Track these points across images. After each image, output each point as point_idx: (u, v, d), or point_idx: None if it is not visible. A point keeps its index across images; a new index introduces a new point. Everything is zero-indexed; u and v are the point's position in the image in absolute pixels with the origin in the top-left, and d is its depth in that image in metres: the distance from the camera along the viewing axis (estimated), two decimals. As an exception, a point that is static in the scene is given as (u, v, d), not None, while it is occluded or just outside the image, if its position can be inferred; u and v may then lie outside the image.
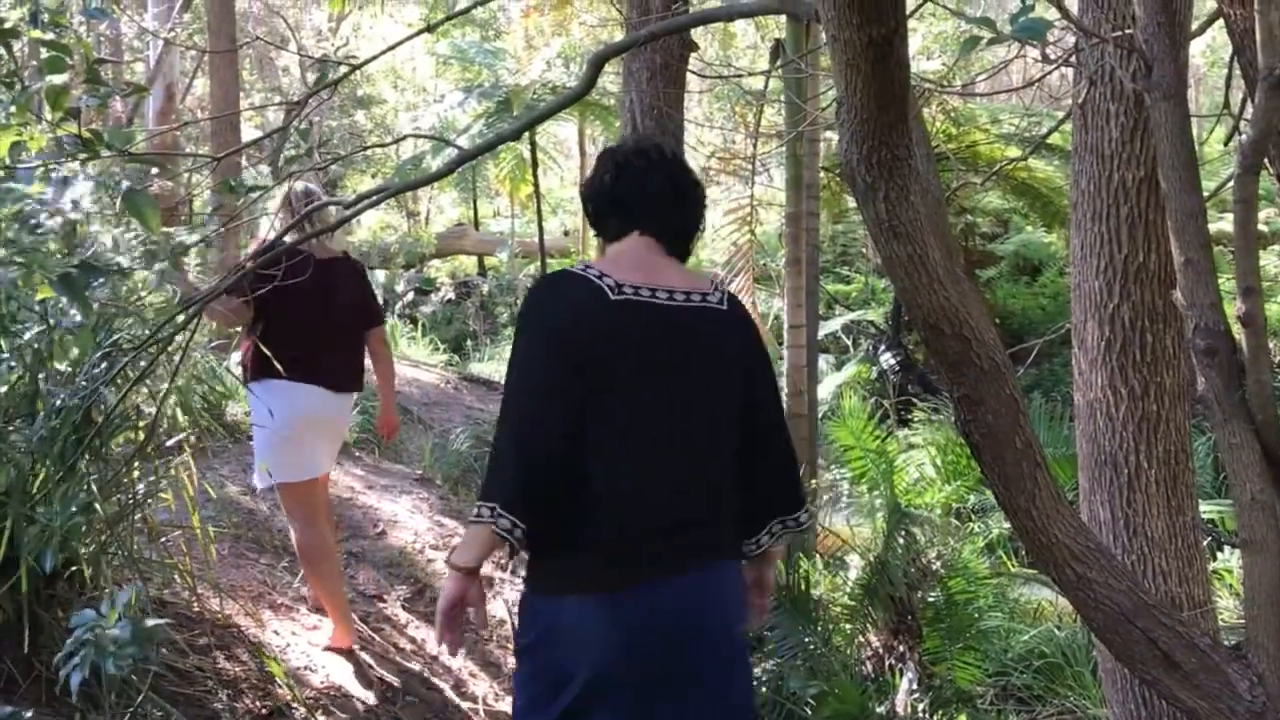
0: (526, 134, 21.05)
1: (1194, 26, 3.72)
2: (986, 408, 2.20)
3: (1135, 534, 3.01)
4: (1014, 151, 14.96)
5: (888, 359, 14.85)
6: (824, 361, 15.15)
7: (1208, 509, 7.35)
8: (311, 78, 12.74)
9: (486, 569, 6.39)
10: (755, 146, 8.43)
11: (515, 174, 22.85)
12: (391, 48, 3.90)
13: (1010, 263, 18.09)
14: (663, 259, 2.54)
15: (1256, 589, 2.42)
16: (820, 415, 9.48)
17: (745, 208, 8.39)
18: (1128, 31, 2.46)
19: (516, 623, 2.64)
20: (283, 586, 4.93)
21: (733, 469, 2.52)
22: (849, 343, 17.36)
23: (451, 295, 22.74)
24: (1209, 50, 19.60)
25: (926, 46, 15.15)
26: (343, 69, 4.53)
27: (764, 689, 5.78)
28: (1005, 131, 17.77)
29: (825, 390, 11.50)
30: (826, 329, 14.26)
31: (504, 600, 6.05)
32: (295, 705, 3.80)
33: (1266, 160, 2.56)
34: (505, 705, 4.72)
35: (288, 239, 3.64)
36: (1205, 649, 2.36)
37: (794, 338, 7.44)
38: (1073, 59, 3.03)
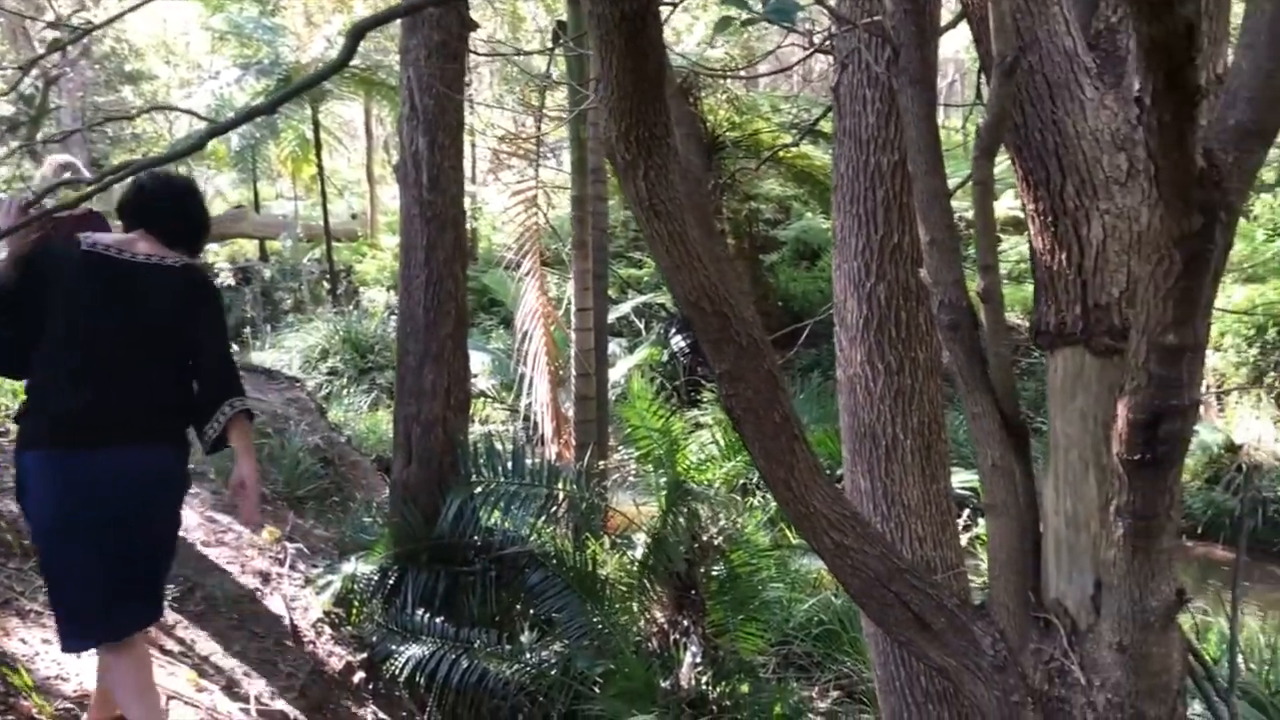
0: (310, 114, 20.36)
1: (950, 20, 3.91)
2: (746, 383, 2.24)
3: (893, 502, 3.14)
4: (794, 138, 15.50)
5: (678, 341, 15.13)
6: (617, 345, 15.30)
7: (969, 478, 7.81)
8: (67, 50, 11.85)
9: (263, 564, 6.14)
10: (539, 128, 8.38)
11: (298, 154, 22.04)
12: (133, 8, 3.65)
13: (792, 248, 18.73)
14: (148, 241, 3.50)
15: (998, 550, 2.57)
16: (617, 398, 9.57)
17: (531, 191, 8.33)
18: (877, 18, 2.55)
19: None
20: (33, 591, 4.57)
21: (163, 379, 3.42)
22: (641, 326, 17.58)
23: (231, 281, 21.77)
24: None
25: (708, 35, 15.43)
26: (100, 38, 4.20)
27: (552, 671, 5.79)
28: (784, 120, 18.38)
29: (618, 373, 11.59)
30: (618, 312, 14.38)
31: (282, 595, 5.83)
32: (41, 718, 3.52)
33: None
34: (281, 704, 4.55)
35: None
36: (953, 609, 2.49)
37: (582, 320, 7.46)
38: (829, 45, 3.12)
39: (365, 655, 5.85)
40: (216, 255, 23.98)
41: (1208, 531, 12.80)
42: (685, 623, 6.01)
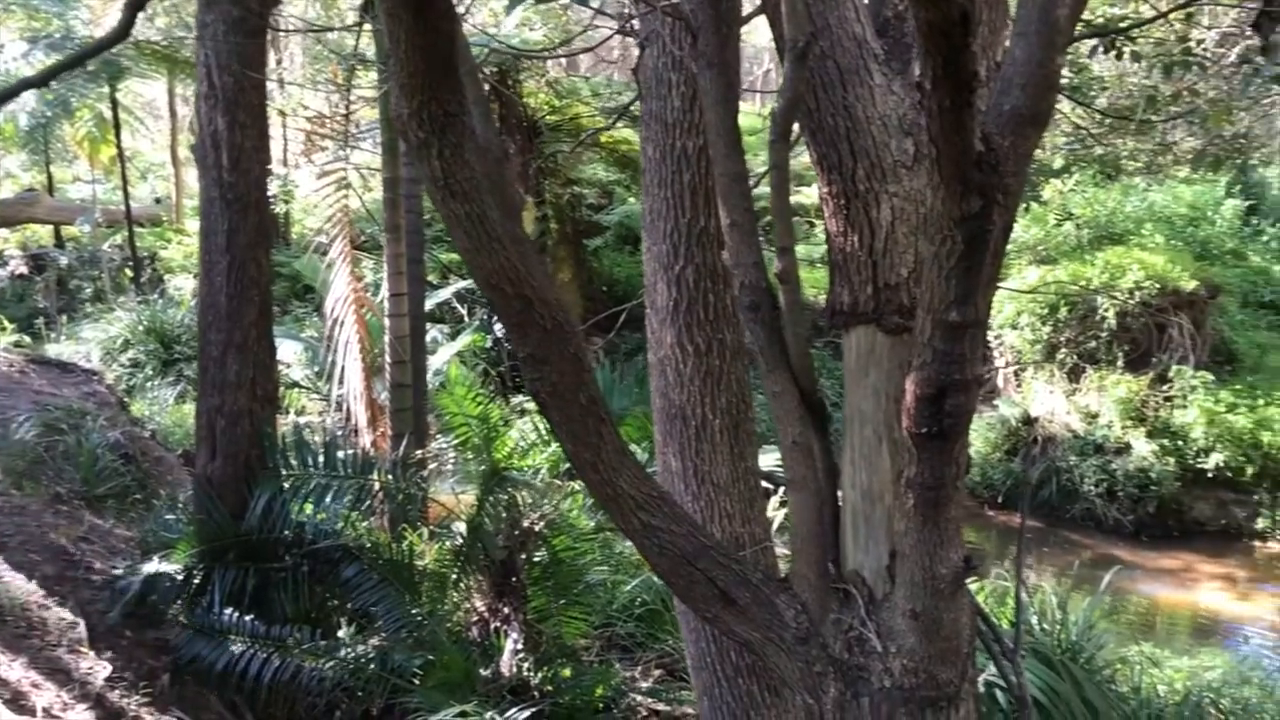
0: (108, 92, 19.20)
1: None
2: (551, 366, 2.22)
3: (703, 481, 3.19)
4: (619, 125, 15.57)
5: (501, 327, 14.99)
6: (438, 332, 15.05)
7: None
8: None
9: (53, 569, 5.79)
10: (348, 108, 8.14)
11: (95, 135, 20.78)
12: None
13: (615, 232, 18.83)
14: None
15: (799, 525, 2.64)
16: (439, 385, 9.40)
17: (340, 172, 8.09)
18: (676, 0, 2.56)
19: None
20: None
21: None
22: (464, 312, 17.35)
23: (23, 269, 20.41)
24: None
25: (528, 17, 15.32)
26: None
27: (370, 665, 5.67)
28: (607, 105, 18.42)
29: (439, 360, 11.40)
30: (438, 298, 14.14)
31: (78, 599, 5.50)
32: None
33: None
34: (75, 715, 4.29)
35: None
36: (758, 584, 2.54)
37: (395, 306, 7.30)
38: (630, 26, 3.12)
39: (169, 658, 5.58)
40: (7, 241, 22.42)
41: (1008, 501, 13.56)
42: (506, 610, 5.97)
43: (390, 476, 6.59)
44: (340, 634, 6.10)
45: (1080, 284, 13.75)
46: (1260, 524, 12.71)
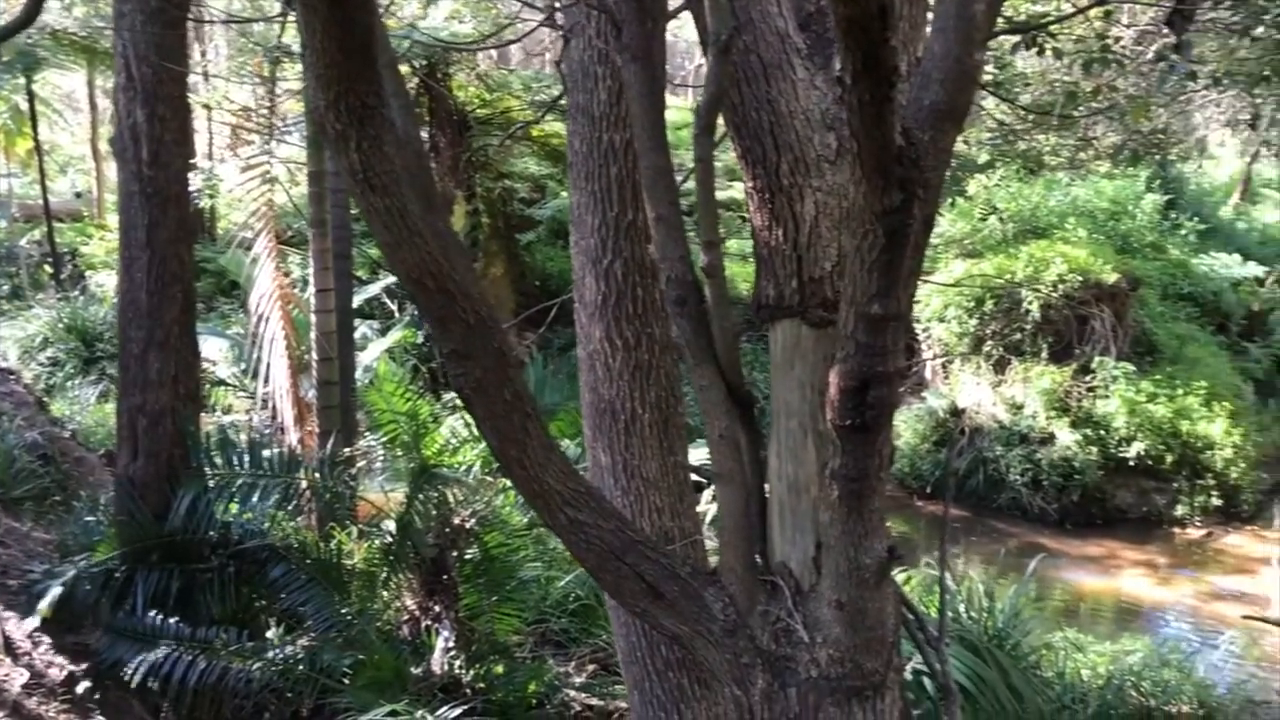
0: (24, 83, 18.65)
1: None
2: (475, 362, 2.20)
3: (633, 475, 3.18)
4: (550, 119, 15.49)
5: (430, 323, 14.84)
6: (368, 328, 14.87)
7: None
8: None
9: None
10: (271, 100, 8.00)
11: (10, 127, 20.19)
12: None
13: (548, 226, 18.73)
14: None
15: (727, 518, 2.65)
16: (369, 382, 9.28)
17: (265, 166, 7.95)
18: (600, -6, 2.55)
19: None
20: None
21: None
22: (394, 307, 17.15)
23: (-70, 267, 19.75)
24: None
25: (458, 10, 15.16)
26: None
27: (299, 666, 5.59)
28: (539, 99, 18.32)
29: (369, 357, 11.26)
30: (367, 293, 13.97)
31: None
32: None
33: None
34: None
35: None
36: (686, 577, 2.54)
37: (322, 302, 7.19)
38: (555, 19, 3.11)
39: (90, 663, 5.45)
40: (-90, 238, 21.70)
41: (937, 491, 13.76)
42: (437, 608, 5.92)
43: (318, 475, 6.49)
44: (269, 635, 6.01)
45: (1005, 277, 14.00)
46: (1179, 511, 13.05)
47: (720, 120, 2.41)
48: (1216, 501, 13.01)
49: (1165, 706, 6.28)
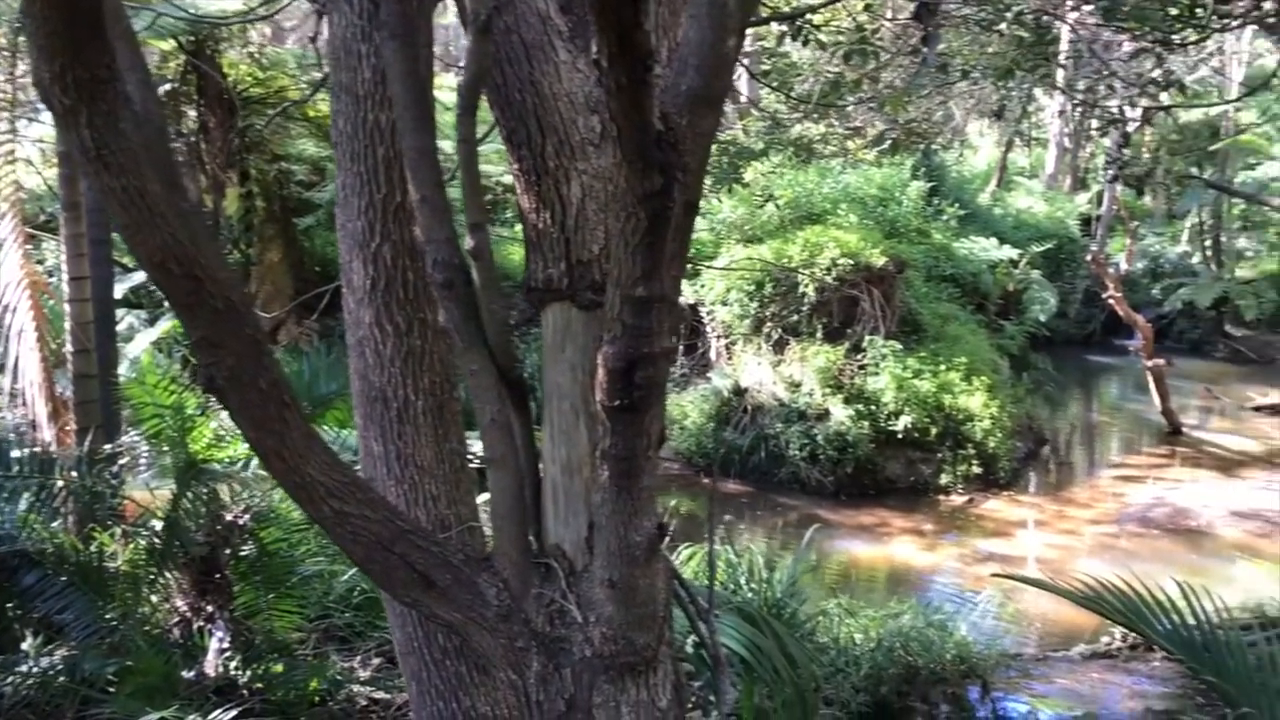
0: None
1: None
2: (227, 349, 2.10)
3: (407, 464, 3.11)
4: (326, 100, 14.97)
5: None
6: (135, 318, 14.03)
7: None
8: None
9: None
10: (13, 72, 7.40)
11: None
12: None
13: (327, 210, 18.10)
14: None
15: (499, 503, 2.63)
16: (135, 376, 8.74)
17: (9, 145, 7.36)
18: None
19: None
20: None
21: None
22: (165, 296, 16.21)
23: None
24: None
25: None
26: None
27: (60, 678, 5.24)
28: (316, 78, 17.67)
29: (137, 348, 10.60)
30: (132, 281, 13.16)
31: None
32: None
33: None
34: None
35: None
36: (458, 565, 2.52)
37: (76, 290, 6.72)
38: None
39: None
40: None
41: (721, 468, 14.16)
42: (210, 608, 5.66)
43: (75, 474, 6.08)
44: (24, 646, 5.60)
45: (783, 261, 14.51)
46: (944, 479, 13.90)
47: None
48: (977, 470, 13.92)
49: (930, 665, 6.68)
